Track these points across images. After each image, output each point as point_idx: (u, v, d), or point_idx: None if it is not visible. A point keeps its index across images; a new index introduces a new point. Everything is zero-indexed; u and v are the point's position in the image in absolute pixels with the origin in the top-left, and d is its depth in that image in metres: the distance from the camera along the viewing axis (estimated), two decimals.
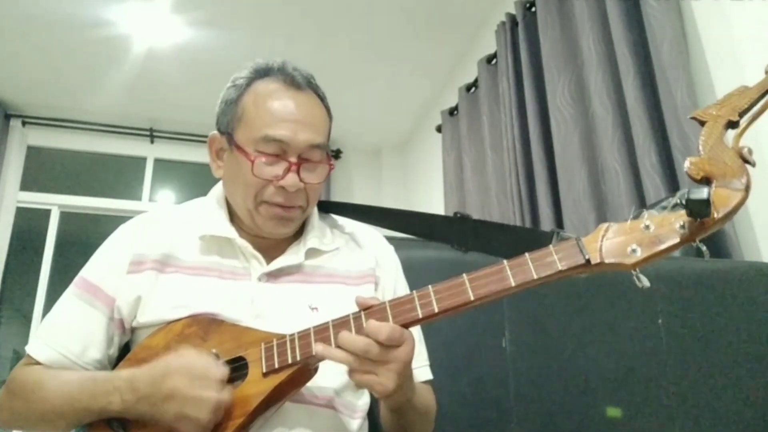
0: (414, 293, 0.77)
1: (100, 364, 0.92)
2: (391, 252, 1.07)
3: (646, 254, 0.68)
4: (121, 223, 1.01)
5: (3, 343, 3.87)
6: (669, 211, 0.69)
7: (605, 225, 0.72)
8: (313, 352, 0.77)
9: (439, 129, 3.35)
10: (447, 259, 1.11)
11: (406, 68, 3.47)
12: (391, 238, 1.10)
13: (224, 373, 0.78)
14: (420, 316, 0.75)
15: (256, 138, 0.90)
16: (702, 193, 0.63)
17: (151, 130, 3.98)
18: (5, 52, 3.31)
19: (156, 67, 3.40)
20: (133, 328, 0.93)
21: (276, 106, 0.92)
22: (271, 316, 0.89)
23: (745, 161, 0.65)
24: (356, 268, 0.99)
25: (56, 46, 3.24)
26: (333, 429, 0.88)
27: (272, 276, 0.94)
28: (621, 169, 1.88)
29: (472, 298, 0.73)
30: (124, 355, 0.93)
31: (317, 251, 0.98)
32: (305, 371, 0.81)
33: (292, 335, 0.80)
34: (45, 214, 3.79)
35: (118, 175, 4.11)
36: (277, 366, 0.79)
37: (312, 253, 0.97)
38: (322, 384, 0.87)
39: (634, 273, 0.69)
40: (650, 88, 1.84)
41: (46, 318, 0.95)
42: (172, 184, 4.22)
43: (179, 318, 0.88)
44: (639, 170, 1.81)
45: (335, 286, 0.96)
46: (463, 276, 0.75)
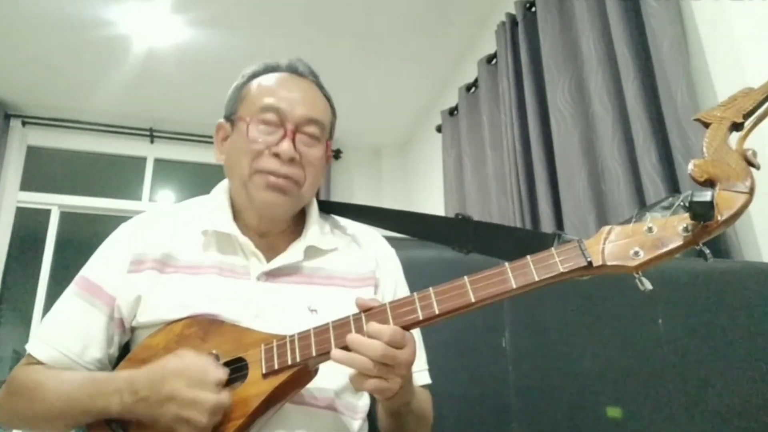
0: (414, 295, 0.76)
1: (100, 363, 0.92)
2: (392, 254, 1.07)
3: (648, 257, 0.67)
4: (121, 223, 1.01)
5: (3, 343, 3.87)
6: (672, 214, 0.68)
7: (607, 227, 0.71)
8: (313, 354, 0.77)
9: (439, 129, 3.35)
10: (448, 259, 1.10)
11: (406, 68, 3.47)
12: (391, 238, 1.10)
13: (223, 375, 0.78)
14: (420, 317, 0.75)
15: (256, 108, 0.95)
16: (705, 195, 0.63)
17: (151, 130, 3.98)
18: (5, 52, 3.31)
19: (156, 67, 3.39)
20: (133, 328, 0.93)
21: (277, 85, 0.98)
22: (270, 316, 0.89)
23: (750, 164, 0.65)
24: (356, 270, 0.99)
25: (56, 46, 3.24)
26: (334, 430, 0.88)
27: (271, 275, 0.93)
28: (621, 169, 1.88)
29: (473, 300, 0.73)
30: (124, 355, 0.93)
31: (317, 250, 0.97)
32: (305, 373, 0.81)
33: (292, 336, 0.80)
34: (45, 214, 3.79)
35: (118, 175, 4.11)
36: (276, 367, 0.79)
37: (311, 252, 0.97)
38: (323, 385, 0.87)
39: (636, 276, 0.68)
40: (650, 88, 1.84)
41: (46, 317, 0.95)
42: (172, 184, 4.22)
43: (179, 318, 0.87)
44: (639, 170, 1.81)
45: (335, 288, 0.96)
46: (464, 278, 0.74)
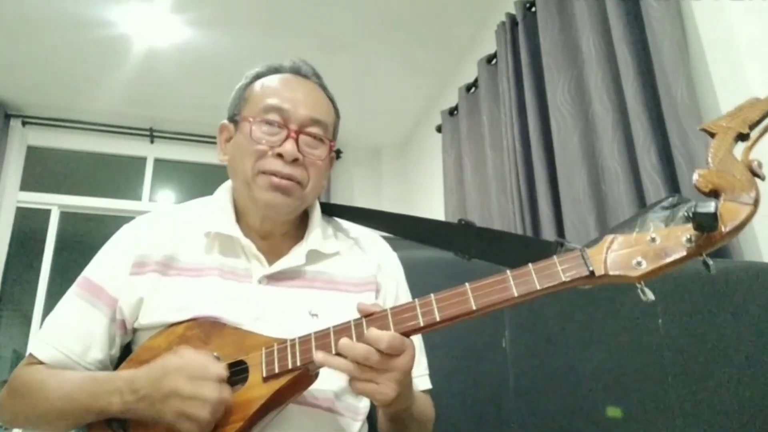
0: (416, 301, 0.76)
1: (101, 364, 0.92)
2: (394, 258, 1.07)
3: (651, 267, 0.67)
4: (122, 223, 1.01)
5: (3, 343, 3.87)
6: (676, 224, 0.68)
7: (610, 236, 0.71)
8: (313, 358, 0.77)
9: (439, 129, 3.35)
10: (449, 260, 1.10)
11: (406, 68, 3.46)
12: (393, 238, 1.10)
13: (223, 371, 0.78)
14: (421, 324, 0.74)
15: (259, 109, 0.95)
16: (710, 206, 0.62)
17: (151, 130, 3.98)
18: (5, 52, 3.31)
19: (156, 67, 3.39)
20: (134, 329, 0.93)
21: (281, 85, 0.98)
22: (271, 319, 0.89)
23: (755, 175, 0.64)
24: (358, 274, 0.99)
25: (56, 46, 3.24)
26: (334, 431, 0.88)
27: (273, 279, 0.93)
28: (621, 169, 1.88)
29: (474, 307, 0.72)
30: (125, 355, 0.93)
31: (318, 254, 0.97)
32: (306, 377, 0.81)
33: (293, 340, 0.80)
34: (45, 214, 3.79)
35: (118, 175, 4.11)
36: (277, 371, 0.79)
37: (313, 256, 0.97)
38: (323, 387, 0.87)
39: (639, 286, 0.68)
40: (650, 88, 1.84)
41: (48, 317, 0.95)
42: (172, 184, 4.22)
43: (181, 321, 0.88)
44: (639, 170, 1.81)
45: (336, 292, 0.95)
46: (466, 285, 0.74)
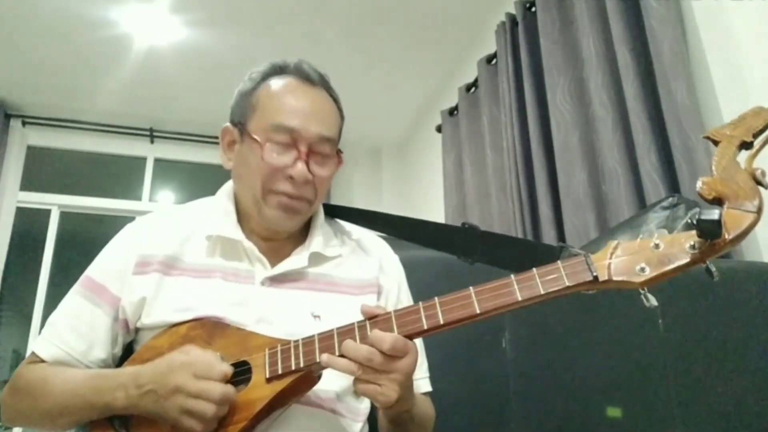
0: (420, 304, 0.76)
1: (104, 363, 0.93)
2: (395, 260, 1.07)
3: (654, 273, 0.67)
4: (122, 223, 1.02)
5: (3, 343, 3.87)
6: (679, 230, 0.68)
7: (614, 242, 0.72)
8: (316, 359, 0.77)
9: (439, 129, 3.35)
10: (451, 260, 1.10)
11: (406, 68, 3.46)
12: (394, 239, 1.10)
13: (228, 370, 0.78)
14: (425, 327, 0.75)
15: (268, 126, 0.92)
16: (713, 213, 0.63)
17: (151, 130, 3.97)
18: (5, 52, 3.30)
19: (156, 67, 3.39)
20: (137, 329, 0.93)
21: (289, 97, 0.95)
22: (274, 320, 0.89)
23: (759, 183, 0.65)
24: (360, 276, 0.99)
25: (56, 46, 3.23)
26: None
27: (275, 281, 0.94)
28: (621, 169, 1.88)
29: (478, 311, 0.73)
30: (127, 354, 0.93)
31: (321, 257, 0.98)
32: (308, 378, 0.81)
33: (296, 342, 0.80)
34: (45, 214, 3.79)
35: (118, 175, 4.11)
36: (280, 372, 0.79)
37: (316, 258, 0.97)
38: (326, 387, 0.87)
39: (642, 292, 0.68)
40: (650, 88, 1.84)
41: (51, 316, 0.95)
42: (172, 184, 4.22)
43: (183, 321, 0.88)
44: (639, 170, 1.81)
45: (338, 294, 0.96)
46: (470, 289, 0.74)
